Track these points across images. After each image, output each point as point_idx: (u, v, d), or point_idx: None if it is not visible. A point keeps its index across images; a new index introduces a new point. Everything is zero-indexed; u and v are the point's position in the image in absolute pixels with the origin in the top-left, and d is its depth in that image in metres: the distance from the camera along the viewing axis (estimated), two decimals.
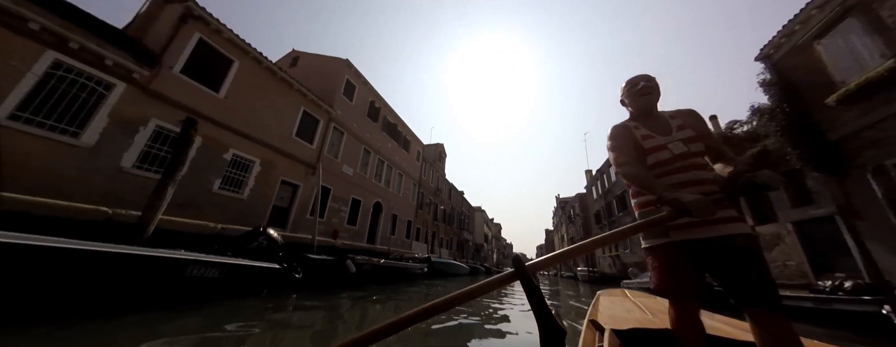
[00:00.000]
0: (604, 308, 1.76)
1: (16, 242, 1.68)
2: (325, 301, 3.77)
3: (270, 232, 4.22)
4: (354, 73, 12.86)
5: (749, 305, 0.85)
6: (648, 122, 1.19)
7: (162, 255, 2.20)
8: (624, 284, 11.22)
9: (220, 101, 7.17)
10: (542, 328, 0.62)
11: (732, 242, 0.92)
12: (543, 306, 0.63)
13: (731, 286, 0.89)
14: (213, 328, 2.23)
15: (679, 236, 1.00)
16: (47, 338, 1.84)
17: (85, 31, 4.95)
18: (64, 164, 4.63)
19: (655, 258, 1.07)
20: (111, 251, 2.01)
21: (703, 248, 0.96)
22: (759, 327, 0.83)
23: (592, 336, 1.31)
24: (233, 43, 7.46)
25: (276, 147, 8.65)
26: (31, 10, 4.37)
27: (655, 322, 1.45)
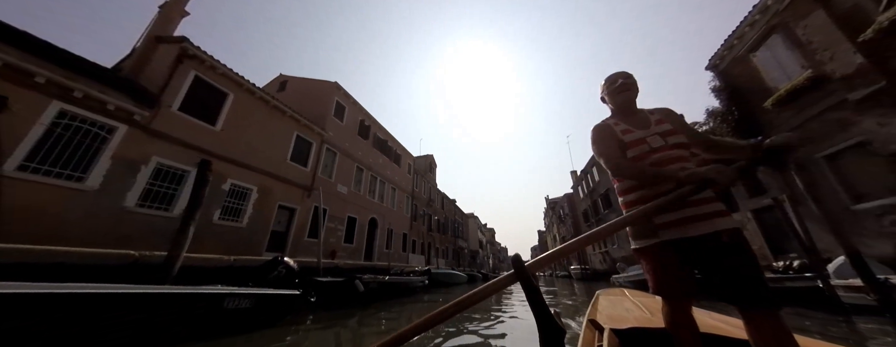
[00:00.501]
0: (603, 308, 1.77)
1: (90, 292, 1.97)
2: (337, 321, 4.08)
3: (288, 261, 4.51)
4: (344, 94, 13.27)
5: (739, 304, 0.83)
6: (628, 118, 1.20)
7: (204, 291, 2.50)
8: (613, 279, 11.83)
9: (216, 133, 7.39)
10: (542, 327, 0.62)
11: (719, 239, 0.90)
12: (543, 305, 0.63)
13: (720, 285, 0.87)
14: None
15: (668, 235, 0.99)
16: None
17: (87, 79, 5.16)
18: (72, 209, 4.76)
19: (647, 259, 1.07)
20: (162, 293, 2.31)
21: (691, 246, 0.95)
22: (752, 325, 0.81)
23: (592, 336, 1.31)
24: (227, 77, 7.75)
25: (272, 173, 8.85)
26: (36, 64, 4.58)
27: (654, 321, 1.45)
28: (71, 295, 1.96)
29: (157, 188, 5.99)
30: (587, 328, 1.38)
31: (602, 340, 1.22)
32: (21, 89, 4.45)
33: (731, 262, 0.87)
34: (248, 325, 2.94)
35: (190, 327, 2.54)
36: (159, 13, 8.02)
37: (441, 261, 24.21)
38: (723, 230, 0.91)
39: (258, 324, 3.03)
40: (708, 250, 0.92)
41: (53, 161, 4.69)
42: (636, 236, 1.10)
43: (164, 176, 6.17)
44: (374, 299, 5.94)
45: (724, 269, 0.88)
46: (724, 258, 0.88)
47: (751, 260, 0.87)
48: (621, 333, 1.30)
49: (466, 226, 37.46)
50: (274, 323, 3.25)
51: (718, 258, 0.89)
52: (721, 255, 0.89)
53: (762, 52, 6.97)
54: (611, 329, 1.31)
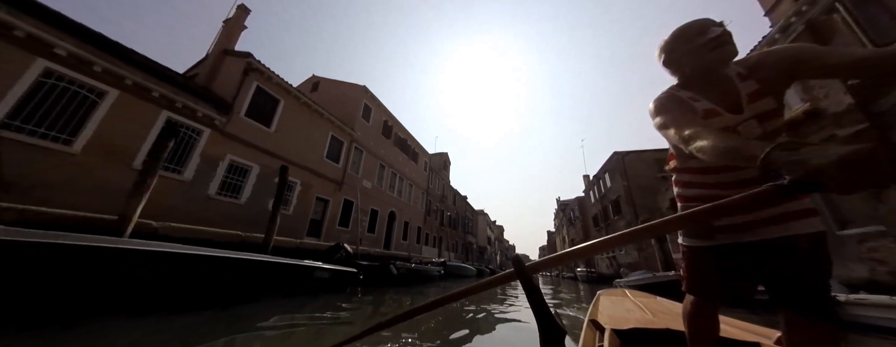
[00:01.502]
0: (604, 308, 1.76)
1: (250, 258, 3.13)
2: (380, 294, 5.20)
3: (346, 247, 5.73)
4: (371, 97, 14.38)
5: (796, 311, 0.70)
6: (708, 90, 0.82)
7: (308, 264, 3.67)
8: (616, 282, 12.53)
9: (271, 134, 8.65)
10: (542, 327, 0.61)
11: (795, 243, 0.73)
12: (543, 306, 0.63)
13: (781, 292, 0.73)
14: (334, 307, 3.61)
15: (726, 239, 0.81)
16: (261, 308, 3.22)
17: (184, 92, 6.44)
18: (175, 196, 6.09)
19: (693, 259, 0.92)
20: (290, 263, 3.49)
21: (754, 251, 0.78)
22: (800, 335, 0.70)
23: (592, 336, 1.31)
24: (280, 86, 8.97)
25: (312, 169, 10.12)
26: (151, 81, 5.86)
27: (655, 321, 1.43)
28: (249, 261, 3.12)
29: (229, 180, 7.30)
30: (588, 328, 1.37)
31: (603, 340, 1.21)
32: (142, 101, 5.74)
33: (804, 271, 0.71)
34: (325, 290, 4.09)
35: (295, 287, 3.70)
36: (223, 28, 9.30)
37: (451, 255, 25.45)
38: (802, 234, 0.73)
39: (331, 290, 4.18)
40: (778, 256, 0.75)
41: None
42: (688, 232, 0.92)
43: (235, 170, 7.48)
44: (402, 281, 7.11)
45: (791, 277, 0.72)
46: (797, 266, 0.72)
47: (826, 269, 0.72)
48: (622, 333, 1.29)
49: (476, 223, 38.49)
50: (340, 291, 4.40)
51: (789, 265, 0.73)
52: (793, 262, 0.73)
53: None
54: (612, 329, 1.30)
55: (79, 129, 4.92)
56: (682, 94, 0.86)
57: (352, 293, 4.80)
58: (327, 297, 4.10)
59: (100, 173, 5.06)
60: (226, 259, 2.94)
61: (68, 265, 2.10)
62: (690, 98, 0.84)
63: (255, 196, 7.80)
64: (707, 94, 0.82)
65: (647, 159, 19.07)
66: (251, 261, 3.22)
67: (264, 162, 8.27)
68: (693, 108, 0.82)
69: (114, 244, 2.29)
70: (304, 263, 3.67)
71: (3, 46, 4.23)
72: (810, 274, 0.71)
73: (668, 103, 0.84)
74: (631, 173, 19.08)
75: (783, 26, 6.70)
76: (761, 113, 0.76)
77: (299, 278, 3.59)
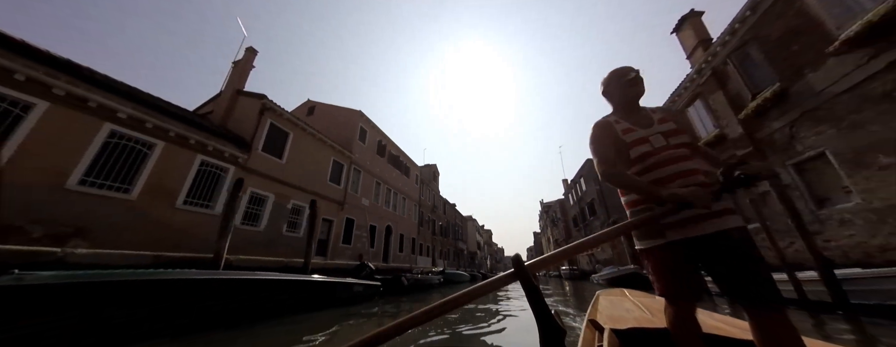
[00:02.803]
0: (603, 308, 1.77)
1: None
2: (397, 301, 6.39)
3: (369, 264, 6.86)
4: (366, 120, 15.50)
5: (747, 303, 0.82)
6: (630, 115, 1.16)
7: (349, 281, 4.81)
8: (592, 277, 14.20)
9: (282, 165, 9.59)
10: (542, 327, 0.62)
11: (729, 237, 0.90)
12: (543, 305, 0.63)
13: (728, 284, 0.87)
14: (367, 314, 4.76)
15: (675, 235, 0.97)
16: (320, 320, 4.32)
17: (212, 136, 7.35)
18: (207, 227, 6.94)
19: (652, 260, 1.04)
20: (336, 281, 4.61)
21: (699, 246, 0.94)
22: (758, 325, 0.81)
23: (592, 336, 1.32)
24: (289, 120, 9.96)
25: (318, 193, 11.06)
26: (187, 130, 6.77)
27: (655, 321, 1.44)
28: (317, 282, 4.24)
29: (250, 210, 8.18)
30: (587, 328, 1.38)
31: (602, 340, 1.22)
32: (182, 149, 6.64)
33: (739, 261, 0.86)
34: (359, 301, 5.21)
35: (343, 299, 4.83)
36: (234, 68, 10.22)
37: (443, 262, 26.52)
38: (731, 228, 0.91)
39: (363, 301, 5.31)
40: (716, 248, 0.90)
41: (198, 195, 6.88)
42: (641, 236, 1.06)
43: (254, 201, 8.36)
44: (410, 290, 8.27)
45: (731, 267, 0.87)
46: (732, 257, 0.87)
47: (758, 259, 0.86)
48: (621, 333, 1.31)
49: (465, 229, 39.80)
50: (369, 300, 5.54)
51: (726, 256, 0.88)
52: (729, 254, 0.88)
53: (692, 109, 9.41)
54: (611, 329, 1.31)
55: (135, 178, 5.78)
56: (611, 118, 1.17)
57: (376, 302, 5.96)
58: (362, 306, 5.25)
59: (152, 214, 5.91)
60: (304, 281, 4.05)
61: (205, 291, 3.16)
62: (616, 121, 1.14)
63: (271, 223, 8.69)
64: (628, 118, 1.14)
65: None
66: (318, 282, 4.36)
67: (278, 191, 9.19)
68: (615, 130, 1.12)
69: (239, 276, 3.39)
70: (347, 280, 4.80)
71: (81, 115, 5.11)
72: (745, 264, 0.85)
73: (599, 133, 1.14)
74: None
75: (697, 69, 8.67)
76: (665, 131, 1.07)
77: (345, 292, 4.74)
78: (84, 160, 5.08)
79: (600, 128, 1.15)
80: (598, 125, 1.17)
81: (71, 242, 4.65)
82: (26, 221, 4.34)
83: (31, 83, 4.63)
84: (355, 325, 3.69)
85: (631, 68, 1.18)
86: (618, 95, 1.19)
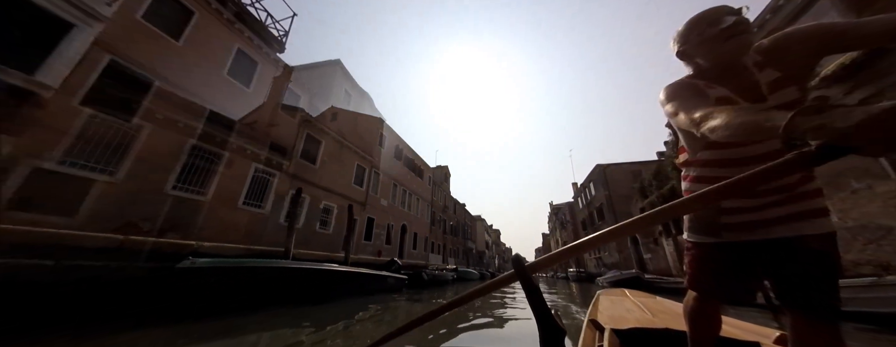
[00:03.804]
0: (604, 308, 1.77)
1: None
2: (418, 293, 7.44)
3: (398, 261, 8.02)
4: (386, 127, 16.67)
5: (801, 311, 0.70)
6: (727, 78, 0.77)
7: (385, 274, 5.92)
8: (597, 280, 14.87)
9: (316, 170, 10.79)
10: (542, 327, 0.61)
11: (806, 245, 0.71)
12: (543, 305, 0.63)
13: (792, 292, 0.72)
14: (398, 300, 5.79)
15: (734, 237, 0.79)
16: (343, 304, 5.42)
17: (263, 147, 8.57)
18: (257, 224, 8.17)
19: (698, 255, 0.89)
20: (375, 273, 5.70)
21: (761, 249, 0.77)
22: (804, 335, 0.70)
23: (592, 336, 1.32)
24: (322, 130, 11.16)
25: (344, 194, 12.25)
26: (245, 142, 7.99)
27: (655, 321, 1.43)
28: (366, 274, 5.35)
29: (293, 210, 9.40)
30: (588, 328, 1.38)
31: (602, 340, 1.22)
32: (242, 158, 7.87)
33: (811, 272, 0.70)
34: (392, 291, 6.31)
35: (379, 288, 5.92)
36: (273, 83, 11.48)
37: (453, 260, 27.58)
38: (811, 234, 0.71)
39: (394, 291, 6.41)
40: (786, 256, 0.73)
41: (252, 197, 8.11)
42: (694, 228, 0.89)
43: (294, 202, 9.58)
44: (428, 284, 9.38)
45: (799, 278, 0.71)
46: (804, 267, 0.70)
47: (835, 271, 0.70)
48: (622, 333, 1.30)
49: (474, 229, 40.72)
50: (399, 291, 6.64)
51: (796, 265, 0.71)
52: (800, 263, 0.71)
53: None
54: (612, 329, 1.30)
55: (208, 183, 7.03)
56: (697, 82, 0.80)
57: (403, 293, 7.08)
58: (394, 294, 6.36)
59: (220, 212, 7.15)
60: (358, 273, 5.17)
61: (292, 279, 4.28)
62: (705, 85, 0.78)
63: (307, 221, 9.91)
64: (725, 82, 0.75)
65: (625, 170, 21.71)
66: (367, 274, 5.47)
67: (313, 193, 10.40)
68: (706, 94, 0.75)
69: (327, 267, 4.54)
70: (384, 273, 5.92)
71: (173, 134, 6.36)
72: (818, 276, 0.69)
73: (680, 90, 0.78)
74: (611, 184, 21.65)
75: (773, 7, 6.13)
76: (785, 103, 0.69)
77: (383, 283, 5.85)
78: (176, 169, 6.32)
79: (683, 86, 0.81)
80: (676, 84, 0.83)
81: (168, 234, 5.89)
82: (139, 218, 5.59)
83: (144, 111, 5.91)
84: (393, 307, 4.75)
85: (729, 8, 0.75)
86: (706, 53, 0.78)
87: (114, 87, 5.63)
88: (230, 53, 8.21)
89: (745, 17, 0.71)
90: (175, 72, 6.68)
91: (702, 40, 0.76)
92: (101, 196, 5.14)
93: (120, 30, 5.69)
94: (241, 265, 4.08)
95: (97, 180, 5.15)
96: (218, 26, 7.94)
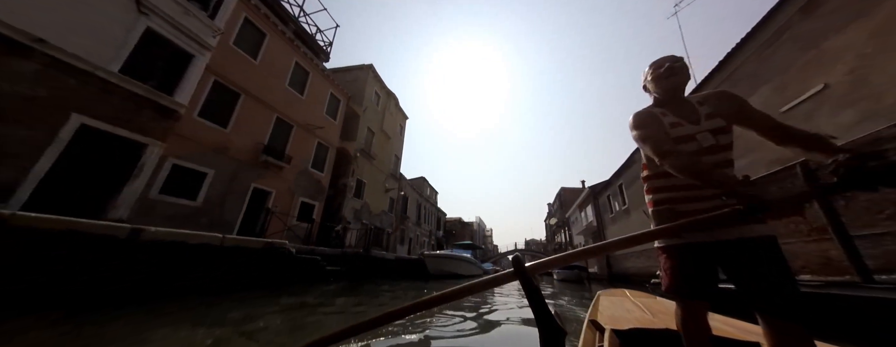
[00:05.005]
0: (604, 308, 1.77)
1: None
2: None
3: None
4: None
5: (769, 313, 0.77)
6: (675, 108, 1.04)
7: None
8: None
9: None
10: (542, 328, 0.62)
11: (754, 244, 0.84)
12: (543, 306, 0.63)
13: (750, 292, 0.82)
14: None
15: (694, 237, 0.93)
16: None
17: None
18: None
19: (668, 257, 1.00)
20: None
21: (717, 250, 0.90)
22: (774, 336, 0.77)
23: (592, 336, 1.32)
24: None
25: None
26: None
27: (655, 322, 1.44)
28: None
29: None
30: (588, 328, 1.39)
31: (603, 340, 1.22)
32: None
33: (761, 270, 0.82)
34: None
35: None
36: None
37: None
38: (759, 236, 0.85)
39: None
40: (740, 256, 0.86)
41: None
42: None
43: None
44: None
45: (755, 277, 0.82)
46: (754, 266, 0.83)
47: (783, 269, 0.81)
48: (622, 334, 1.31)
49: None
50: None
51: (747, 264, 0.84)
52: (750, 262, 0.84)
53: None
54: (612, 329, 1.31)
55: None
56: (656, 110, 1.06)
57: None
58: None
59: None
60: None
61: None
62: (661, 113, 1.03)
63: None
64: (673, 111, 1.02)
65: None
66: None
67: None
68: (662, 122, 1.00)
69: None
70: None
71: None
72: (769, 274, 0.80)
73: (645, 119, 1.03)
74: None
75: None
76: (714, 128, 0.94)
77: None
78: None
79: (646, 115, 1.05)
80: (641, 113, 1.07)
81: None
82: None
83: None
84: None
85: (667, 59, 1.07)
86: (656, 88, 1.09)
87: (217, 101, 7.24)
88: (290, 67, 9.73)
89: (682, 63, 1.01)
90: (255, 86, 8.26)
91: (654, 78, 1.07)
92: (210, 186, 6.85)
93: (219, 56, 7.24)
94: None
95: (207, 172, 6.85)
96: (282, 44, 9.44)
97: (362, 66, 14.96)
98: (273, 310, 3.48)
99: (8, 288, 2.55)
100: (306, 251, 6.97)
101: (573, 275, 13.99)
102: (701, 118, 0.98)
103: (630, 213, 12.52)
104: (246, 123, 7.91)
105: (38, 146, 4.21)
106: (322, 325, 2.96)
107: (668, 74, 1.04)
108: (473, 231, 41.15)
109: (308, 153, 10.10)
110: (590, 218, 18.30)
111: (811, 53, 4.91)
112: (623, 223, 13.42)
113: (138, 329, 2.45)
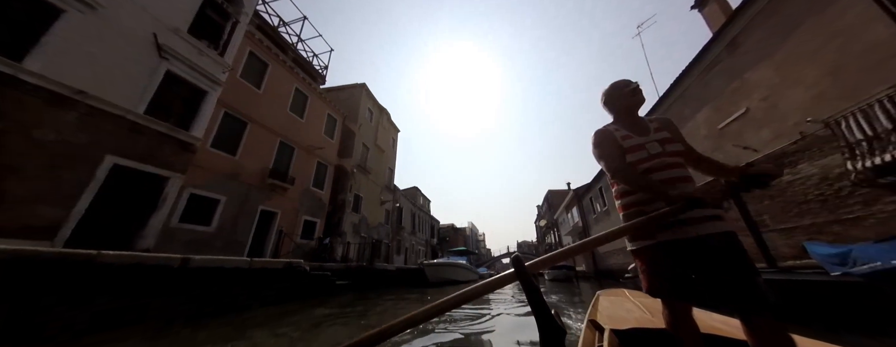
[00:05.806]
0: (603, 308, 1.78)
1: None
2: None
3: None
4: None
5: (736, 308, 0.83)
6: (628, 124, 1.22)
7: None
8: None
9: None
10: (542, 327, 0.62)
11: (712, 241, 0.93)
12: (543, 305, 0.63)
13: (715, 289, 0.89)
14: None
15: (665, 236, 1.01)
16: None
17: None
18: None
19: (642, 260, 1.08)
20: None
21: (685, 248, 0.97)
22: (749, 329, 0.82)
23: (592, 336, 1.32)
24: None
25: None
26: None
27: (655, 321, 1.44)
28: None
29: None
30: (587, 328, 1.40)
31: (602, 340, 1.23)
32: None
33: (725, 265, 0.89)
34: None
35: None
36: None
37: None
38: (715, 233, 0.94)
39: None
40: (701, 253, 0.94)
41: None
42: (632, 237, 1.12)
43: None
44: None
45: (717, 272, 0.89)
46: (718, 262, 0.90)
47: (745, 264, 0.88)
48: (622, 333, 1.32)
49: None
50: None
51: (712, 260, 0.91)
52: (715, 258, 0.91)
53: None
54: (611, 329, 1.32)
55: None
56: (611, 126, 1.25)
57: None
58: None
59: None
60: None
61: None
62: (615, 129, 1.22)
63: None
64: (627, 127, 1.22)
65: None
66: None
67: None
68: (615, 137, 1.19)
69: None
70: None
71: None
72: (730, 270, 0.87)
73: (603, 138, 1.21)
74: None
75: None
76: (661, 139, 1.13)
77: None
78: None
79: (603, 134, 1.23)
80: (599, 132, 1.25)
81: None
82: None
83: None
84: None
85: (630, 80, 1.26)
86: (619, 105, 1.26)
87: (227, 131, 7.77)
88: (291, 93, 10.34)
89: (639, 87, 1.23)
90: (260, 113, 8.82)
91: (619, 96, 1.26)
92: (222, 212, 7.32)
93: (228, 89, 7.81)
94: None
95: (220, 199, 7.32)
96: (283, 72, 10.06)
97: (355, 85, 15.68)
98: (318, 315, 4.26)
99: (97, 309, 3.13)
100: (316, 268, 7.50)
101: (562, 274, 14.97)
102: (650, 131, 1.18)
103: (610, 213, 13.62)
104: (253, 149, 8.43)
105: (80, 187, 4.69)
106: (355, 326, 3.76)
107: (633, 93, 1.22)
108: (466, 237, 41.83)
109: (309, 173, 10.65)
110: (576, 219, 19.38)
111: (736, 82, 6.07)
112: (605, 223, 14.50)
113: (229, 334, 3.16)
